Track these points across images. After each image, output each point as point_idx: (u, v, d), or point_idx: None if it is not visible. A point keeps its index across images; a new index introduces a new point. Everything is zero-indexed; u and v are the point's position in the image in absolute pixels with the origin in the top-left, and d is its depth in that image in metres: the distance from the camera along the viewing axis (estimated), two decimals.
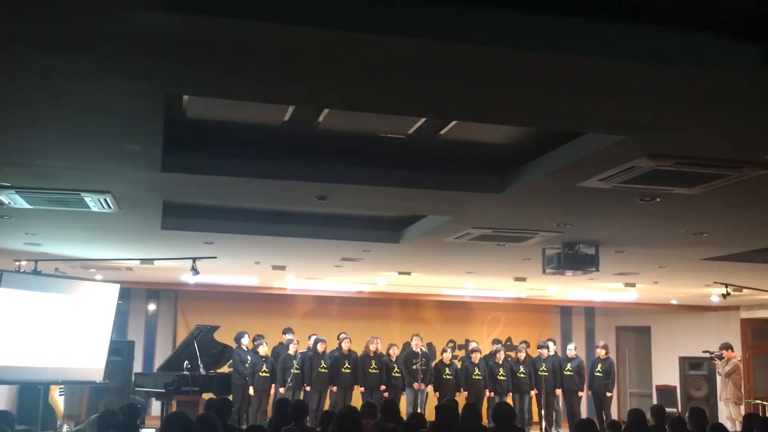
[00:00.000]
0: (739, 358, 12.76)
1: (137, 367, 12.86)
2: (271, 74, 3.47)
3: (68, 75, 3.49)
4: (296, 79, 3.55)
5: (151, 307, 14.63)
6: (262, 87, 3.68)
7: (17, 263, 9.57)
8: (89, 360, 10.25)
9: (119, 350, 11.52)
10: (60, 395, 11.22)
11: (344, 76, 3.48)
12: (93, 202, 6.21)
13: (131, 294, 13.87)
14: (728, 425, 10.67)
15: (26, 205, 6.34)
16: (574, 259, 7.86)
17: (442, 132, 5.07)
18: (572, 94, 3.64)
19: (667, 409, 9.25)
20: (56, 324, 9.81)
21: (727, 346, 12.38)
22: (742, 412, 11.30)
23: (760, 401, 12.30)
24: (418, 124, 4.91)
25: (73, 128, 4.33)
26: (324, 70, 3.39)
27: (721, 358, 12.30)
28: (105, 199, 6.12)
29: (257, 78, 3.53)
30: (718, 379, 12.56)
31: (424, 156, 5.59)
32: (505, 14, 3.01)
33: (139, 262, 10.10)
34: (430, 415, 9.02)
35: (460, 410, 7.34)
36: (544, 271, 8.29)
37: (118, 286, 10.76)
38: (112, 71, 3.40)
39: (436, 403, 9.76)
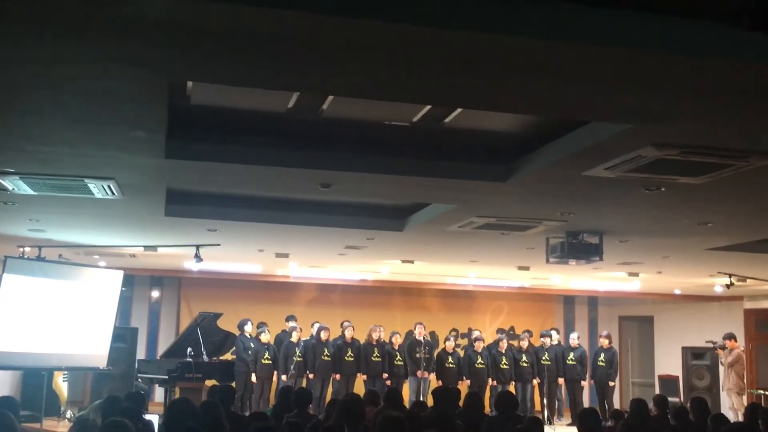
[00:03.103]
0: (741, 349, 12.76)
1: (140, 353, 12.91)
2: (275, 61, 3.45)
3: (70, 62, 3.47)
4: (301, 66, 3.53)
5: (155, 294, 14.66)
6: (266, 73, 3.66)
7: (21, 249, 9.58)
8: (93, 346, 10.28)
9: (123, 337, 11.55)
10: (63, 381, 11.26)
11: (350, 64, 3.46)
12: (97, 189, 6.21)
13: (135, 281, 13.89)
14: (730, 415, 10.70)
15: (30, 192, 6.34)
16: (578, 249, 7.85)
17: (447, 120, 5.05)
18: (578, 83, 3.62)
19: (670, 399, 9.27)
20: (60, 310, 9.84)
21: (730, 336, 12.38)
22: (745, 402, 11.31)
23: (762, 391, 12.30)
24: (423, 111, 4.89)
25: (76, 115, 4.32)
26: (330, 57, 3.37)
27: (723, 348, 12.30)
28: (109, 186, 6.12)
29: (261, 64, 3.51)
30: (721, 369, 12.56)
31: (429, 144, 5.57)
32: (510, 1, 2.99)
33: (142, 248, 10.11)
34: (432, 403, 9.02)
35: (462, 398, 7.37)
36: (547, 261, 8.28)
37: (121, 273, 10.78)
38: (114, 58, 3.39)
39: None
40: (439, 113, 4.95)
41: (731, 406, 12.04)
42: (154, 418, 7.67)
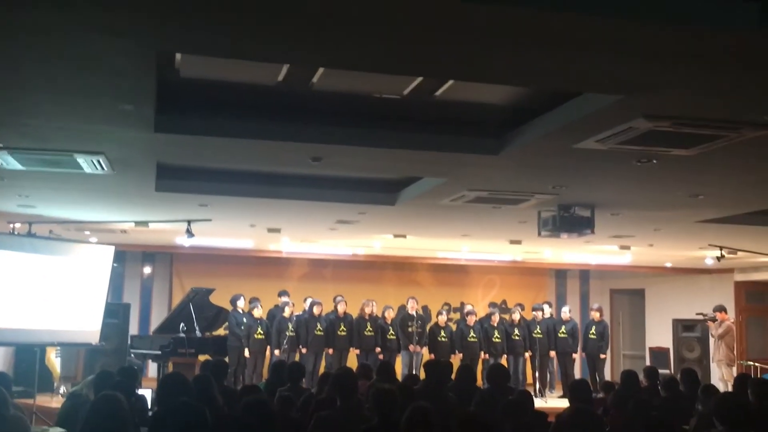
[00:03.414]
0: (732, 321, 12.84)
1: (133, 329, 12.90)
2: (263, 32, 3.41)
3: (56, 32, 3.43)
4: (290, 37, 3.49)
5: (147, 269, 14.65)
6: (255, 45, 3.62)
7: (11, 225, 9.54)
8: (85, 322, 10.27)
9: (115, 313, 11.54)
10: (56, 357, 11.26)
11: (340, 35, 3.43)
12: (86, 164, 6.17)
13: (126, 257, 13.87)
14: (720, 386, 10.78)
15: (19, 167, 6.29)
16: (570, 222, 7.85)
17: (438, 93, 5.02)
18: (570, 53, 3.59)
19: (660, 371, 9.34)
20: (52, 286, 9.81)
21: (721, 308, 12.45)
22: (734, 374, 11.40)
23: (752, 362, 12.41)
24: (414, 84, 4.85)
25: (63, 87, 4.28)
26: (319, 27, 3.34)
27: (714, 320, 12.37)
28: (98, 161, 6.07)
29: (249, 36, 3.47)
30: (711, 340, 12.65)
31: (420, 117, 5.55)
32: None
33: (133, 224, 10.08)
34: (424, 376, 9.06)
35: (454, 372, 7.41)
36: (539, 234, 8.28)
37: (113, 249, 10.74)
38: (100, 28, 3.34)
39: None
40: (431, 86, 4.92)
41: (721, 377, 12.13)
42: (147, 393, 7.70)
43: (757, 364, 12.27)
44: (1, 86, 4.28)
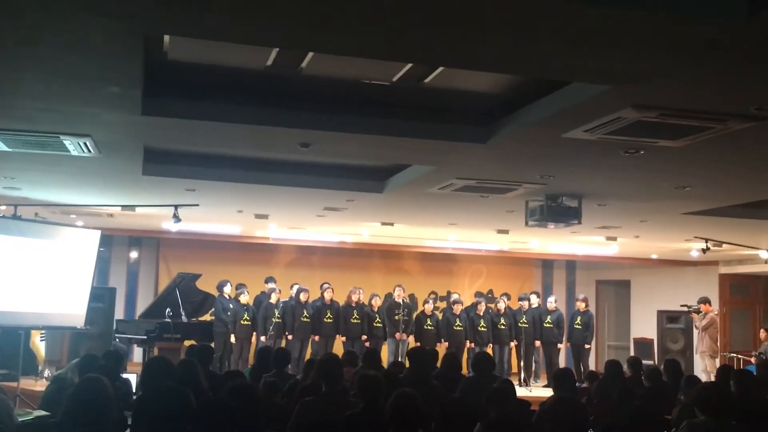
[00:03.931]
0: (716, 312, 12.94)
1: (119, 314, 12.87)
2: (253, 14, 3.39)
3: (43, 11, 3.39)
4: (279, 21, 3.47)
5: (133, 254, 14.59)
6: (243, 27, 3.60)
7: None
8: (70, 306, 10.22)
9: (101, 297, 11.50)
10: (41, 341, 11.21)
11: (330, 19, 3.41)
12: (72, 146, 6.12)
13: (113, 241, 13.82)
14: (703, 377, 10.87)
15: (4, 148, 6.24)
16: (557, 212, 7.87)
17: (427, 80, 5.01)
18: (558, 42, 3.59)
19: (644, 362, 9.41)
20: (37, 269, 9.75)
21: (705, 300, 12.54)
22: (717, 365, 11.51)
23: (735, 354, 12.51)
24: (404, 71, 4.84)
25: (49, 68, 4.24)
26: (309, 10, 3.32)
27: (698, 312, 12.47)
28: (85, 143, 6.03)
29: (238, 18, 3.45)
30: (695, 332, 12.75)
31: (409, 104, 5.53)
32: None
33: (120, 208, 10.03)
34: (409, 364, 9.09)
35: (440, 360, 7.43)
36: (526, 223, 8.30)
37: (99, 233, 10.69)
38: (87, 7, 3.31)
39: None
40: (420, 73, 4.91)
41: (704, 368, 12.23)
42: (132, 377, 7.69)
43: (739, 356, 12.37)
44: None
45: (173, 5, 3.32)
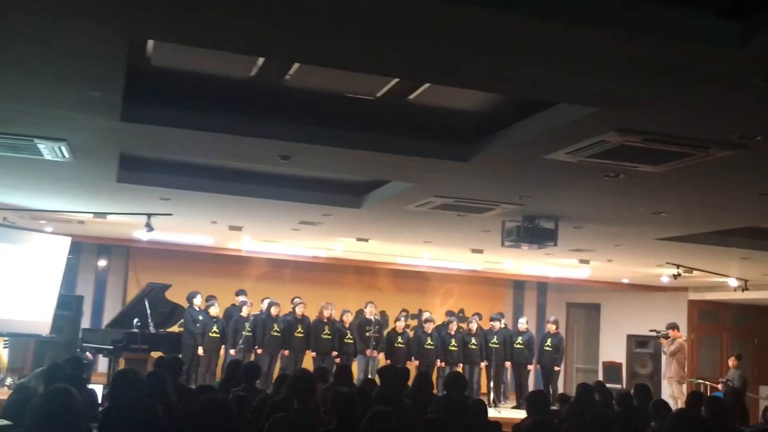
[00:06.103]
0: (684, 338, 13.03)
1: (85, 322, 12.64)
2: (240, 22, 3.34)
3: (25, 11, 3.32)
4: (265, 30, 3.43)
5: (102, 262, 14.37)
6: (230, 35, 3.55)
7: None
8: (36, 313, 10.03)
9: (67, 305, 11.29)
10: (4, 348, 10.97)
11: (318, 31, 3.38)
12: (47, 150, 6.00)
13: (82, 248, 13.58)
14: (670, 403, 10.91)
15: None
16: (534, 233, 7.89)
17: (411, 96, 4.99)
18: (546, 62, 3.59)
19: (613, 386, 9.42)
20: (2, 274, 9.56)
21: (674, 326, 12.62)
22: (684, 391, 11.57)
23: (702, 381, 12.59)
24: (388, 86, 4.82)
25: (29, 69, 4.16)
26: (296, 22, 3.28)
27: (667, 337, 12.54)
28: (60, 148, 5.91)
29: (224, 26, 3.40)
30: (663, 357, 12.82)
31: (392, 120, 5.51)
32: None
33: (92, 215, 9.87)
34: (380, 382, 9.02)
35: (411, 378, 7.36)
36: (503, 244, 8.30)
37: (69, 239, 10.53)
38: (71, 8, 3.24)
39: None
40: (404, 89, 4.89)
41: (671, 393, 12.29)
42: (97, 389, 7.52)
43: (706, 382, 12.45)
44: None
45: (160, 9, 3.26)
